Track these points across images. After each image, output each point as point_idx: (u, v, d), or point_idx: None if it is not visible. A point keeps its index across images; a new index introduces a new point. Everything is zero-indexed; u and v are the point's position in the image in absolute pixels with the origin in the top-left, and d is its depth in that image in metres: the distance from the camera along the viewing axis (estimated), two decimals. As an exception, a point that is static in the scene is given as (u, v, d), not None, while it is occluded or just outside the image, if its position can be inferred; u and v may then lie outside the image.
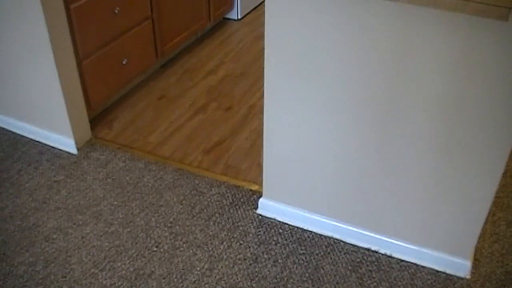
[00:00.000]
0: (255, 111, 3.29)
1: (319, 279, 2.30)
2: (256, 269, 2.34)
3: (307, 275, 2.32)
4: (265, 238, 2.48)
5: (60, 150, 3.00)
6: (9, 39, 2.78)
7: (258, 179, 2.77)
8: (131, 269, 2.34)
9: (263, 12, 2.03)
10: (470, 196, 2.11)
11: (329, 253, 2.42)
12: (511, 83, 1.82)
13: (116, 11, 3.04)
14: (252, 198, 2.68)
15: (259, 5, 4.71)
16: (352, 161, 2.25)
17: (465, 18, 1.77)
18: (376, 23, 1.90)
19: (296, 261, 2.38)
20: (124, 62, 3.21)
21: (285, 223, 2.56)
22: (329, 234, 2.50)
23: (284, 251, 2.42)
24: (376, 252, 2.43)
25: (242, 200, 2.67)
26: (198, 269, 2.34)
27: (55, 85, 2.78)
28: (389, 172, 2.20)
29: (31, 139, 3.08)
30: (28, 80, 2.87)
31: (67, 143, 2.98)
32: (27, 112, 3.03)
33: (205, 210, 2.61)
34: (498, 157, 1.97)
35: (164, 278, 2.29)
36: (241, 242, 2.46)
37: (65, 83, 2.79)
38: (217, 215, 2.59)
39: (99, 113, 3.29)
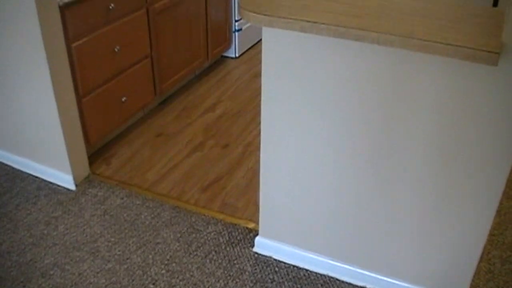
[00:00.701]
0: (252, 149, 3.32)
1: (314, 317, 2.31)
2: (252, 307, 2.35)
3: (302, 313, 2.33)
4: (261, 276, 2.49)
5: (58, 185, 3.02)
6: (11, 75, 2.82)
7: (254, 217, 2.78)
8: (128, 306, 2.35)
9: (260, 50, 2.08)
10: (465, 234, 2.13)
11: (324, 291, 2.44)
12: (502, 125, 1.86)
13: (116, 50, 3.09)
14: (248, 236, 2.70)
15: (257, 43, 4.78)
16: (348, 200, 2.28)
17: (457, 63, 1.82)
18: (371, 66, 1.95)
19: (292, 299, 2.40)
20: (123, 100, 3.26)
21: (281, 261, 2.57)
22: (325, 272, 2.51)
23: (280, 289, 2.44)
24: (371, 290, 2.44)
25: (238, 238, 2.69)
26: (194, 306, 2.35)
27: (55, 122, 2.82)
28: (385, 212, 2.23)
29: (30, 174, 3.11)
30: (28, 116, 2.91)
31: (65, 179, 3.00)
32: (26, 147, 3.06)
33: (201, 248, 2.63)
34: (492, 195, 2.00)
35: (160, 316, 2.30)
36: (237, 280, 2.47)
37: (64, 119, 2.82)
38: (213, 253, 2.60)
39: (97, 149, 3.33)
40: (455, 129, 1.93)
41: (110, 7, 2.98)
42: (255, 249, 2.63)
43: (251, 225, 2.76)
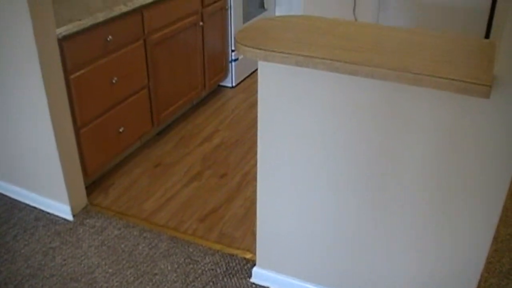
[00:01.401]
0: (249, 178, 3.34)
1: None
2: (250, 339, 2.35)
3: None
4: (259, 307, 2.50)
5: (56, 216, 3.03)
6: (9, 106, 2.85)
7: (252, 247, 2.79)
8: (125, 338, 2.34)
9: (257, 80, 2.11)
10: (462, 262, 2.13)
11: (322, 322, 2.43)
12: (495, 155, 1.88)
13: (114, 81, 3.12)
14: (246, 267, 2.70)
15: (253, 72, 4.83)
16: (346, 230, 2.29)
17: (450, 95, 1.84)
18: (366, 99, 1.97)
19: (290, 330, 2.39)
20: (121, 130, 3.28)
21: (278, 292, 2.58)
22: (322, 302, 2.51)
23: (277, 320, 2.43)
24: (369, 321, 2.44)
25: (236, 268, 2.69)
26: (192, 338, 2.34)
27: (53, 152, 2.83)
28: (382, 243, 2.24)
29: (28, 205, 3.12)
30: (26, 146, 2.93)
31: (63, 210, 3.01)
32: (24, 177, 3.07)
33: (199, 279, 2.63)
34: (488, 222, 2.01)
35: None
36: (235, 311, 2.47)
37: (62, 150, 2.84)
38: (211, 284, 2.60)
39: (95, 179, 3.34)
40: (449, 159, 1.95)
41: (108, 39, 3.02)
42: (252, 280, 2.63)
43: (248, 256, 2.76)
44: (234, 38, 2.05)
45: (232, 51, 4.42)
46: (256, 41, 1.97)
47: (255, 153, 3.52)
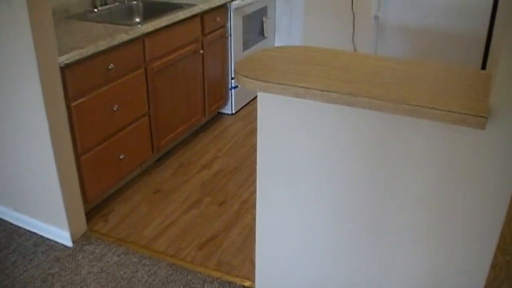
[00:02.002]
0: (248, 206, 3.35)
1: None
2: None
3: None
4: (257, 335, 2.49)
5: (56, 242, 3.04)
6: (11, 132, 2.87)
7: (250, 275, 2.79)
8: None
9: (256, 107, 2.14)
10: (458, 294, 2.15)
11: None
12: (491, 186, 1.90)
13: (114, 108, 3.16)
14: (244, 294, 2.71)
15: (253, 99, 4.87)
16: (345, 260, 2.30)
17: (446, 126, 1.87)
18: (363, 129, 2.00)
19: None
20: (121, 157, 3.30)
21: (276, 320, 2.57)
22: (321, 331, 2.51)
23: None
24: None
25: (234, 296, 2.70)
26: None
27: (53, 179, 2.85)
28: (381, 269, 2.24)
29: (27, 230, 3.12)
30: (27, 172, 2.95)
31: (62, 236, 3.02)
32: (24, 203, 3.09)
33: (197, 306, 2.63)
34: (485, 251, 2.03)
35: None
36: None
37: (63, 177, 2.86)
38: (209, 311, 2.61)
39: (95, 205, 3.35)
40: (446, 188, 1.97)
41: (110, 67, 3.06)
42: (251, 308, 2.64)
43: (247, 283, 2.76)
44: (234, 68, 2.09)
45: (232, 78, 4.47)
46: (255, 72, 2.01)
47: (254, 180, 3.54)
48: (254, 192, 3.44)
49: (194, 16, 3.79)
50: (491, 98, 1.79)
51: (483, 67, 4.01)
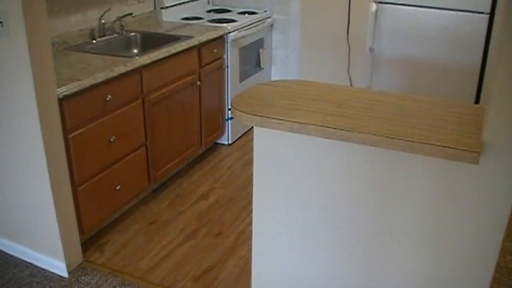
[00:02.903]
0: (244, 237, 3.35)
1: None
2: None
3: None
4: None
5: (51, 272, 3.03)
6: (8, 162, 2.88)
7: (246, 307, 2.80)
8: None
9: (253, 138, 2.16)
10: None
11: None
12: (485, 222, 1.92)
13: (112, 140, 3.17)
14: (240, 327, 2.70)
15: (249, 130, 4.89)
16: (338, 292, 2.30)
17: (440, 161, 1.89)
18: (358, 164, 2.02)
19: None
20: (117, 188, 3.31)
21: None
22: None
23: None
24: None
25: (230, 328, 2.69)
26: None
27: (50, 209, 2.86)
28: (374, 304, 2.25)
29: (23, 260, 3.12)
30: (23, 203, 2.95)
31: (58, 266, 3.02)
32: (20, 233, 3.09)
33: None
34: (481, 282, 2.04)
35: None
36: None
37: (59, 207, 2.87)
38: None
39: (91, 236, 3.35)
40: (441, 223, 1.99)
41: (107, 98, 3.08)
42: None
43: (242, 315, 2.76)
44: (231, 102, 2.12)
45: (229, 109, 4.50)
46: (252, 107, 2.04)
47: (250, 212, 3.55)
48: (250, 223, 3.44)
49: (192, 48, 3.83)
50: (485, 133, 1.82)
51: (477, 99, 4.05)
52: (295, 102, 2.11)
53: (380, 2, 4.14)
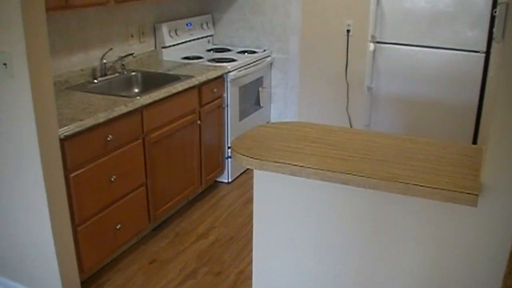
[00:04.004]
0: (244, 277, 3.34)
1: None
2: None
3: None
4: None
5: (50, 313, 3.02)
6: (8, 201, 2.89)
7: None
8: None
9: (252, 176, 2.18)
10: None
11: None
12: (484, 261, 1.92)
13: (112, 179, 3.19)
14: None
15: (248, 168, 4.90)
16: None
17: (438, 203, 1.91)
18: (357, 206, 2.04)
19: None
20: (118, 227, 3.31)
21: None
22: None
23: None
24: None
25: None
26: None
27: (50, 249, 2.86)
28: None
29: (22, 300, 3.11)
30: (23, 241, 2.95)
31: (57, 306, 3.01)
32: (20, 272, 3.07)
33: None
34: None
35: None
36: None
37: (59, 247, 2.87)
38: None
39: (90, 275, 3.34)
40: (439, 265, 2.00)
41: (108, 138, 3.11)
42: None
43: None
44: (231, 144, 2.14)
45: (228, 147, 4.52)
46: (251, 150, 2.06)
47: (250, 250, 3.55)
48: (251, 262, 3.43)
49: (192, 87, 3.87)
50: (483, 174, 1.84)
51: (475, 137, 4.08)
52: (294, 144, 2.13)
53: (378, 42, 4.20)
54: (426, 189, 1.80)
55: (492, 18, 3.80)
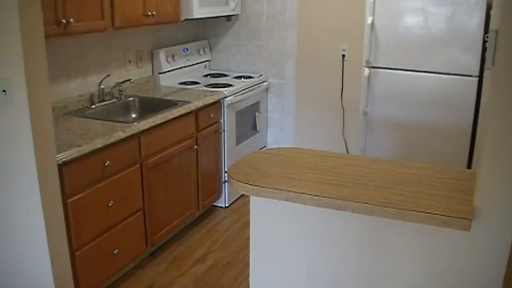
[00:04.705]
0: (241, 302, 3.36)
1: None
2: None
3: None
4: None
5: None
6: (6, 227, 2.89)
7: None
8: None
9: (249, 200, 2.20)
10: None
11: None
12: (476, 287, 1.94)
13: (110, 204, 3.21)
14: None
15: (246, 192, 4.92)
16: None
17: (432, 228, 1.93)
18: (352, 231, 2.06)
19: None
20: (115, 252, 3.32)
21: None
22: None
23: None
24: None
25: None
26: None
27: (47, 274, 2.85)
28: None
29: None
30: (21, 267, 2.95)
31: (53, 332, 3.00)
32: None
33: None
34: None
35: None
36: None
37: (56, 272, 2.86)
38: None
39: (87, 301, 3.35)
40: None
41: (106, 164, 3.13)
42: None
43: None
44: (228, 171, 2.17)
45: (225, 172, 4.54)
46: (248, 176, 2.09)
47: (248, 275, 3.55)
48: (248, 287, 3.44)
49: (189, 113, 3.90)
50: (476, 199, 1.86)
51: (470, 160, 4.12)
52: (290, 170, 2.16)
53: (373, 67, 4.25)
54: (419, 214, 1.82)
55: (485, 43, 3.86)
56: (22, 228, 2.84)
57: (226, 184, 4.58)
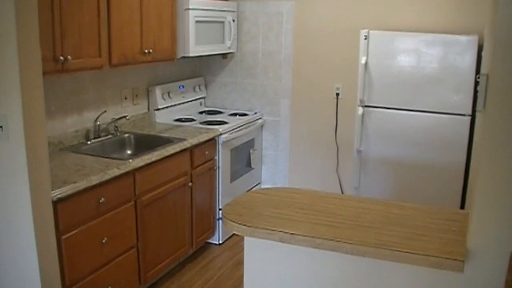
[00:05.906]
0: None
1: None
2: None
3: None
4: None
5: None
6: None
7: None
8: None
9: (243, 238, 2.20)
10: None
11: None
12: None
13: (104, 241, 3.20)
14: None
15: (240, 229, 4.91)
16: None
17: (425, 269, 1.94)
18: (345, 273, 2.06)
19: None
20: (108, 290, 3.31)
21: None
22: None
23: None
24: None
25: None
26: None
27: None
28: None
29: None
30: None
31: None
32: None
33: None
34: None
35: None
36: None
37: (49, 312, 2.85)
38: None
39: None
40: (428, 331, 2.01)
41: (101, 201, 3.13)
42: None
43: None
44: (222, 211, 2.18)
45: (219, 209, 4.54)
46: (242, 216, 2.10)
47: (241, 316, 3.53)
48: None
49: (184, 150, 3.92)
50: (468, 240, 1.87)
51: (464, 198, 4.13)
52: (284, 211, 2.17)
53: (366, 106, 4.29)
54: (412, 256, 1.83)
55: (476, 83, 3.91)
56: (15, 265, 2.82)
57: (220, 221, 4.58)
